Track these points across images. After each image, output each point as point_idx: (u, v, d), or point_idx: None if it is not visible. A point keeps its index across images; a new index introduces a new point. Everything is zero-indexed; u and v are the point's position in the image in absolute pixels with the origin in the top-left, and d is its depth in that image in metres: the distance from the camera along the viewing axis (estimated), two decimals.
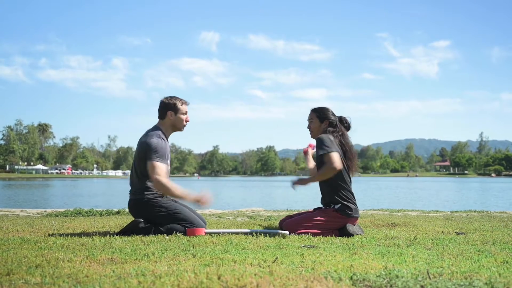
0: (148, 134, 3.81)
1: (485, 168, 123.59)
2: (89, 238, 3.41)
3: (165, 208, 3.75)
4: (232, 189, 36.79)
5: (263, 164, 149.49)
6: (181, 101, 3.90)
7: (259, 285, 1.93)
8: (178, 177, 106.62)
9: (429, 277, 2.11)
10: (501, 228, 4.43)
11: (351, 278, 2.10)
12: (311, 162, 4.38)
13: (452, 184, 48.89)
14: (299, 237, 3.61)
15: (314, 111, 4.07)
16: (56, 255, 2.63)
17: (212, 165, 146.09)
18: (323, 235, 3.75)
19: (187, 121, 3.92)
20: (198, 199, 3.67)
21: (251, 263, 2.43)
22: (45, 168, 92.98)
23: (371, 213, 6.32)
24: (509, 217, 5.71)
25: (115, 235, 3.60)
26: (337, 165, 3.73)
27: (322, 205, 3.99)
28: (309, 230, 3.77)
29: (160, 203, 3.76)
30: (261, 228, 4.24)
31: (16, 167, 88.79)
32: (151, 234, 3.66)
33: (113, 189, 33.34)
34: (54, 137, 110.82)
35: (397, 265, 2.43)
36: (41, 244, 3.11)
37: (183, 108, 3.89)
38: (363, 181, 60.90)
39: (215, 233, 3.74)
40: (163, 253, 2.74)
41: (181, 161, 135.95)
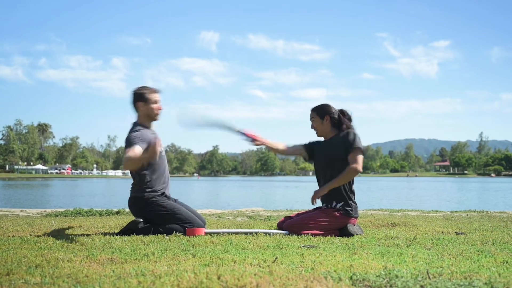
0: (129, 131, 3.82)
1: (484, 168, 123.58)
2: (89, 238, 3.41)
3: (164, 207, 3.76)
4: (231, 189, 36.79)
5: (263, 164, 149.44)
6: (150, 90, 3.87)
7: (259, 285, 1.93)
8: (178, 177, 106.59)
9: (429, 277, 2.11)
10: (501, 228, 4.43)
11: (351, 278, 2.10)
12: (269, 141, 4.09)
13: (451, 184, 48.90)
14: (299, 237, 3.61)
15: (313, 109, 4.07)
16: (56, 255, 2.63)
17: (211, 165, 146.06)
18: (324, 235, 3.75)
19: (159, 109, 3.88)
20: (149, 148, 3.50)
21: (251, 263, 2.43)
22: (44, 168, 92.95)
23: (371, 213, 6.32)
24: (508, 217, 5.71)
25: (115, 235, 3.60)
26: (361, 168, 3.77)
27: (322, 204, 3.98)
28: (311, 231, 3.76)
29: (159, 202, 3.77)
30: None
31: (15, 167, 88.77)
32: (151, 234, 3.67)
33: (113, 189, 33.34)
34: (53, 137, 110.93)
35: (397, 265, 2.43)
36: (40, 244, 3.11)
37: (152, 97, 3.85)
38: (362, 181, 60.93)
39: (214, 233, 3.74)
40: (163, 253, 2.74)
41: (181, 161, 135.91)
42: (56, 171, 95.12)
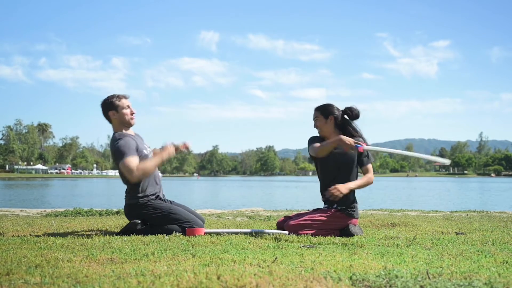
0: (111, 144, 3.82)
1: (484, 168, 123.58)
2: (88, 238, 3.41)
3: (159, 209, 3.75)
4: (231, 189, 36.78)
5: (263, 164, 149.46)
6: (118, 97, 3.83)
7: (259, 285, 1.92)
8: (177, 177, 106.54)
9: (429, 277, 2.11)
10: (501, 228, 4.43)
11: (351, 278, 2.10)
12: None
13: (451, 184, 48.88)
14: (299, 237, 3.61)
15: (317, 109, 4.04)
16: (55, 255, 2.63)
17: (211, 165, 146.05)
18: (324, 235, 3.75)
19: (132, 114, 3.85)
20: (171, 149, 3.92)
21: (251, 263, 2.43)
22: (44, 168, 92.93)
23: (371, 213, 6.32)
24: (508, 217, 5.71)
25: (115, 235, 3.60)
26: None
27: (324, 203, 3.97)
28: (311, 231, 3.75)
29: (154, 205, 3.76)
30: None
31: (15, 167, 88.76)
32: (150, 234, 3.66)
33: (113, 189, 33.31)
34: (53, 137, 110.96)
35: (397, 265, 2.43)
36: (40, 244, 3.10)
37: (122, 103, 3.81)
38: None
39: (214, 233, 3.74)
40: (162, 253, 2.74)
41: (181, 161, 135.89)
42: (56, 171, 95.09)
